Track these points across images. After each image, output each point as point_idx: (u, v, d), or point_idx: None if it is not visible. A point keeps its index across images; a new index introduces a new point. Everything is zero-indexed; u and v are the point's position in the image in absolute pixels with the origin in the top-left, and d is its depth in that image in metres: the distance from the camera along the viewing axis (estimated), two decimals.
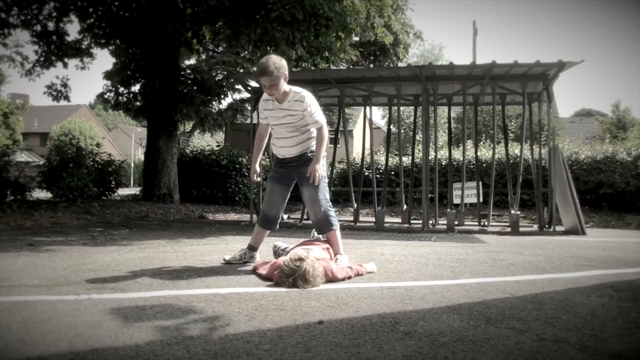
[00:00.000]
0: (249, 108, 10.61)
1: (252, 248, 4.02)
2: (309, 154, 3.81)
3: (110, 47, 11.25)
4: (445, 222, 7.18)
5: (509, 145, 9.54)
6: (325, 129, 3.80)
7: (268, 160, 9.85)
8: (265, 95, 3.83)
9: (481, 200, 7.63)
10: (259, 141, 4.00)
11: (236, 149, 12.86)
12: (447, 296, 2.91)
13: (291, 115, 3.71)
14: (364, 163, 8.79)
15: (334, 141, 8.55)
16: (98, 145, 30.05)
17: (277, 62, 3.58)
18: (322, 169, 3.81)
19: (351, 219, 7.95)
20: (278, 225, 4.03)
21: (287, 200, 4.02)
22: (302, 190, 3.90)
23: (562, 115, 37.20)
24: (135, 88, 11.41)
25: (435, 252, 4.76)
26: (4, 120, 33.50)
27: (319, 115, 3.75)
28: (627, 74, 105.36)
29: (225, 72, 10.85)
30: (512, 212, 6.96)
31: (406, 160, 12.01)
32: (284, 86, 3.65)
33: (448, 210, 7.21)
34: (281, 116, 3.74)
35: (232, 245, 5.02)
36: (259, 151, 4.02)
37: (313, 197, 3.78)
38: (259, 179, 4.02)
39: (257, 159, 4.03)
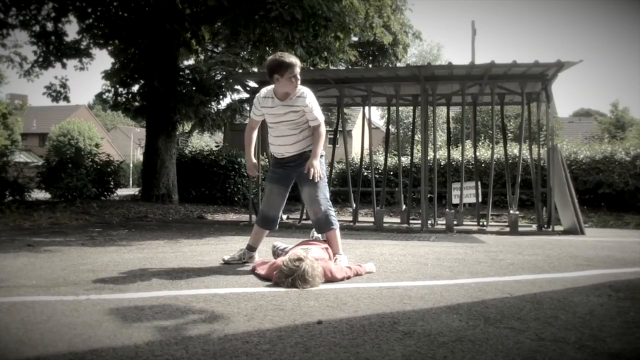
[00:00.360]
0: (248, 108, 10.61)
1: (251, 248, 4.02)
2: (309, 153, 3.81)
3: (109, 48, 11.25)
4: (444, 222, 7.18)
5: (508, 145, 9.55)
6: (323, 127, 3.81)
7: (267, 160, 9.86)
8: (263, 93, 3.84)
9: (480, 200, 7.63)
10: (249, 134, 4.03)
11: (235, 149, 12.85)
12: (446, 296, 2.91)
13: (294, 112, 3.72)
14: (363, 163, 8.80)
15: (332, 141, 8.56)
16: (97, 145, 30.08)
17: (288, 60, 3.71)
18: (322, 168, 3.81)
19: (350, 219, 7.95)
20: (277, 226, 4.03)
21: (286, 200, 4.02)
22: (301, 189, 3.90)
23: (560, 115, 37.31)
24: (134, 88, 11.42)
25: (434, 252, 4.77)
26: (3, 120, 33.48)
27: (318, 113, 3.78)
28: (625, 74, 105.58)
29: (224, 73, 10.85)
30: (511, 212, 6.97)
31: (405, 160, 12.03)
32: (303, 91, 3.75)
33: (447, 210, 7.21)
34: (282, 113, 3.75)
35: (231, 246, 5.02)
36: (251, 144, 4.04)
37: (313, 196, 3.78)
38: (258, 172, 4.03)
39: (251, 152, 4.05)
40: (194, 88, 10.93)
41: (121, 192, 13.83)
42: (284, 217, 8.24)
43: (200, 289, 3.08)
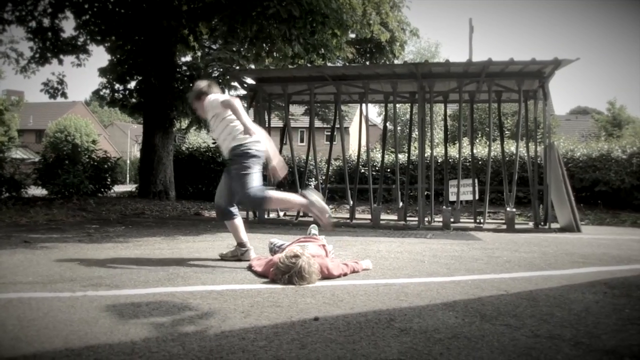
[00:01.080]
0: (245, 105, 10.58)
1: (241, 244, 4.07)
2: (234, 150, 3.92)
3: (106, 44, 11.21)
4: (441, 219, 7.20)
5: (505, 142, 9.56)
6: (215, 98, 3.95)
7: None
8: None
9: (477, 197, 7.64)
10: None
11: None
12: (442, 293, 2.92)
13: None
14: (360, 160, 8.80)
15: (330, 138, 8.54)
16: (94, 142, 29.88)
17: (194, 87, 4.18)
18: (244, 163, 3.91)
19: (347, 216, 7.96)
20: (227, 217, 4.09)
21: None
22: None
23: (557, 112, 37.32)
24: (131, 85, 11.40)
25: (430, 249, 4.78)
26: None
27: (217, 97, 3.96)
28: (623, 72, 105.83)
29: (221, 69, 10.83)
30: (508, 209, 6.99)
31: (402, 157, 12.03)
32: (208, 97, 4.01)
33: (444, 207, 7.22)
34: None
35: (228, 242, 5.00)
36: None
37: (233, 189, 3.96)
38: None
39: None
40: (191, 85, 10.89)
41: (118, 188, 13.80)
42: (281, 214, 8.24)
43: (196, 285, 3.08)
